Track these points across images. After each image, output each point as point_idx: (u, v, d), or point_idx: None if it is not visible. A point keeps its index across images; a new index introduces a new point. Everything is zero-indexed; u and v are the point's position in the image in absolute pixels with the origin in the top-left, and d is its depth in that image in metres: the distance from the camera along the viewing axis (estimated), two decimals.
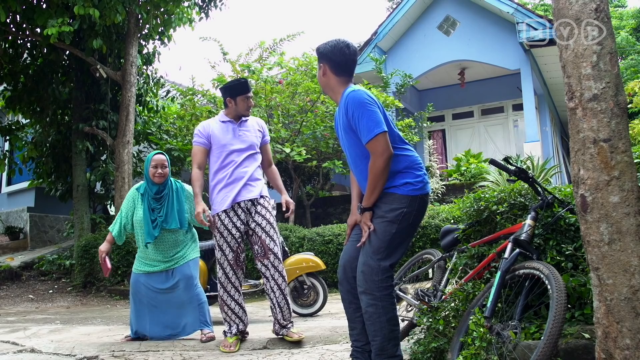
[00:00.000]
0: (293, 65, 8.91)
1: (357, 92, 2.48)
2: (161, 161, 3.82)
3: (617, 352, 1.77)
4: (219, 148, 3.57)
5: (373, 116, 2.41)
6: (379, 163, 2.39)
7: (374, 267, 2.40)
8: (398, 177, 2.48)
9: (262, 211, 3.53)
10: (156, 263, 3.85)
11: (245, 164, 3.56)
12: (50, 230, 12.11)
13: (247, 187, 3.53)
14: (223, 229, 3.48)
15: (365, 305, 2.42)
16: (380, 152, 2.38)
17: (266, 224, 3.50)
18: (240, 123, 3.66)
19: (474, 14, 10.50)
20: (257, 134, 3.70)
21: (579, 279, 2.33)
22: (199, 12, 9.65)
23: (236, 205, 3.49)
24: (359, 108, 2.43)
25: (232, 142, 3.57)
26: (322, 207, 9.89)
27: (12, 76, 9.27)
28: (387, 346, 2.37)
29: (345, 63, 2.60)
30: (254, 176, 3.58)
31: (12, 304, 7.55)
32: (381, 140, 2.38)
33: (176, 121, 10.08)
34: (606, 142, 1.82)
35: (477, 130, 12.34)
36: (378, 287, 2.38)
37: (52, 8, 7.68)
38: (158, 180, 3.81)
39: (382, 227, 2.44)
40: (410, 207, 2.44)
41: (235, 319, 3.51)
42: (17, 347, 3.75)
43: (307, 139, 8.52)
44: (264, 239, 3.47)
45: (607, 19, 1.87)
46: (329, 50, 2.60)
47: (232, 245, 3.48)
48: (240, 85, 3.63)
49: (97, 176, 9.37)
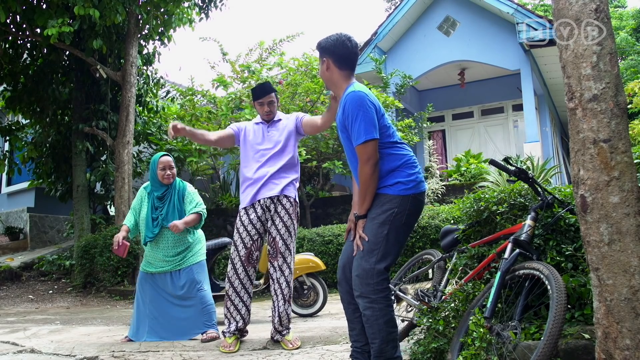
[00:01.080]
0: (293, 65, 8.91)
1: (356, 92, 2.47)
2: (169, 163, 3.90)
3: (617, 352, 1.77)
4: (247, 147, 3.63)
5: (365, 121, 2.41)
6: (365, 170, 2.40)
7: (369, 270, 2.39)
8: (389, 176, 2.48)
9: (282, 212, 3.49)
10: (159, 264, 3.86)
11: (269, 163, 3.55)
12: (50, 230, 12.11)
13: (268, 184, 3.51)
14: (240, 225, 3.52)
15: (362, 308, 2.41)
16: (365, 159, 2.39)
17: (282, 226, 3.47)
18: (272, 123, 3.66)
19: (474, 14, 10.50)
20: (288, 128, 3.63)
21: (578, 280, 2.33)
22: (199, 13, 9.65)
23: (256, 203, 3.51)
24: (354, 110, 2.43)
25: (259, 143, 3.61)
26: (322, 208, 9.89)
27: (12, 76, 9.27)
28: (386, 348, 2.37)
29: (348, 56, 2.61)
30: (278, 174, 3.53)
31: (12, 305, 7.55)
32: (368, 147, 2.39)
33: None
34: (606, 142, 1.82)
35: (477, 131, 12.34)
36: (374, 290, 2.37)
37: (52, 8, 7.68)
38: (167, 181, 3.87)
39: (374, 229, 2.43)
40: (402, 207, 2.43)
41: (236, 315, 3.50)
42: (17, 347, 3.75)
43: (307, 140, 8.52)
44: (277, 241, 3.46)
45: (607, 19, 1.87)
46: (332, 44, 2.60)
47: (246, 242, 3.49)
48: (255, 91, 3.66)
49: (97, 176, 9.37)
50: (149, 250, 3.90)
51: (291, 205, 3.53)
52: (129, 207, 8.41)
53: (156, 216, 3.82)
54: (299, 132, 3.65)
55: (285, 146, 3.60)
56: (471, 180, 9.40)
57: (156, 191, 3.89)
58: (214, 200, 10.56)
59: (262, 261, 5.17)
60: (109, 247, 7.79)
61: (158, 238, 3.83)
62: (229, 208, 9.72)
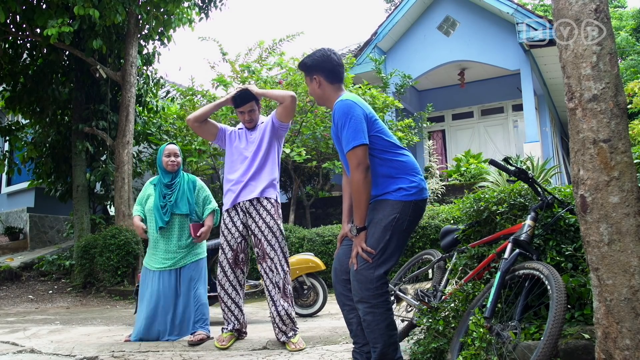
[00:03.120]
0: (293, 65, 8.90)
1: (344, 101, 2.48)
2: (173, 150, 4.03)
3: (617, 352, 1.77)
4: (232, 150, 3.68)
5: (354, 127, 2.41)
6: (355, 176, 2.39)
7: (368, 276, 2.39)
8: (391, 182, 2.48)
9: (264, 214, 3.50)
10: (162, 258, 3.87)
11: (250, 166, 3.57)
12: (50, 230, 12.11)
13: (247, 187, 3.54)
14: (224, 228, 3.57)
15: (362, 313, 2.42)
16: (355, 164, 2.39)
17: (265, 227, 3.49)
18: (254, 127, 3.69)
19: (473, 14, 10.50)
20: (267, 126, 3.63)
21: (578, 280, 2.33)
22: (198, 13, 9.65)
23: (237, 206, 3.56)
24: (342, 117, 2.45)
25: (244, 147, 3.64)
26: (322, 208, 9.89)
27: (12, 76, 9.27)
28: (388, 351, 2.39)
29: (336, 69, 2.63)
30: (258, 175, 3.56)
31: (11, 305, 7.54)
32: (357, 153, 2.38)
33: (176, 121, 10.09)
34: (606, 142, 1.82)
35: (477, 131, 12.34)
36: (374, 294, 2.38)
37: (52, 8, 7.68)
38: (171, 168, 3.98)
39: (375, 235, 2.43)
40: (403, 213, 2.43)
41: (231, 317, 3.56)
42: (17, 347, 3.75)
43: (307, 140, 8.52)
44: (262, 243, 3.48)
45: (606, 20, 1.87)
46: (320, 61, 2.61)
47: (231, 245, 3.53)
48: (235, 100, 3.63)
49: (97, 176, 9.36)
50: (155, 242, 3.94)
51: (272, 206, 3.54)
52: (129, 207, 8.45)
53: (165, 204, 3.90)
54: (275, 123, 3.61)
55: (268, 147, 3.60)
56: (471, 180, 9.40)
57: (163, 179, 3.99)
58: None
59: None
60: (109, 247, 7.80)
61: (168, 228, 3.90)
62: None
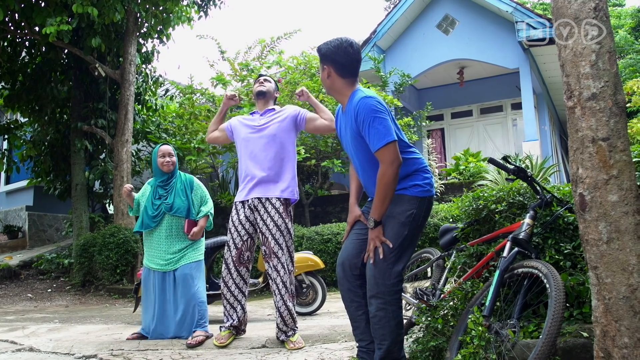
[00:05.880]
0: (292, 64, 8.90)
1: (369, 99, 2.40)
2: (167, 150, 4.02)
3: (615, 350, 1.77)
4: (239, 143, 3.68)
5: (385, 124, 2.36)
6: (389, 172, 2.34)
7: (386, 271, 2.37)
8: (407, 179, 2.48)
9: (272, 212, 3.44)
10: (158, 258, 3.87)
11: (264, 161, 3.51)
12: (49, 229, 12.10)
13: (259, 185, 3.49)
14: (231, 225, 3.58)
15: (374, 309, 2.38)
16: (390, 160, 2.34)
17: (273, 225, 3.43)
18: (265, 113, 3.64)
19: (473, 12, 10.49)
20: (284, 122, 3.56)
21: (577, 278, 2.33)
22: (197, 11, 9.64)
23: (246, 202, 3.54)
24: (369, 115, 2.37)
25: (252, 139, 3.59)
26: (321, 206, 9.88)
27: (11, 75, 9.26)
28: (394, 349, 2.37)
29: (350, 64, 2.50)
30: (270, 174, 3.49)
31: (10, 303, 7.54)
32: (391, 149, 2.34)
33: (175, 120, 10.08)
34: (605, 141, 1.82)
35: (476, 129, 12.33)
36: (390, 290, 2.36)
37: (50, 6, 7.67)
38: (167, 168, 3.97)
39: (394, 229, 2.41)
40: (420, 209, 2.44)
41: (232, 314, 3.55)
42: (16, 345, 3.75)
43: (306, 138, 8.51)
44: (269, 241, 3.44)
45: (605, 18, 1.87)
46: (332, 52, 2.49)
47: (236, 243, 3.52)
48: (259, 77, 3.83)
49: (95, 175, 9.36)
50: (150, 243, 3.95)
51: (281, 204, 3.47)
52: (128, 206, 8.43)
53: (159, 204, 3.90)
54: (299, 122, 3.59)
55: (282, 141, 3.53)
56: (470, 178, 9.40)
57: (158, 179, 4.00)
58: (212, 199, 10.55)
59: (260, 260, 5.18)
60: (108, 245, 7.80)
61: (162, 228, 3.88)
62: (227, 207, 9.71)
